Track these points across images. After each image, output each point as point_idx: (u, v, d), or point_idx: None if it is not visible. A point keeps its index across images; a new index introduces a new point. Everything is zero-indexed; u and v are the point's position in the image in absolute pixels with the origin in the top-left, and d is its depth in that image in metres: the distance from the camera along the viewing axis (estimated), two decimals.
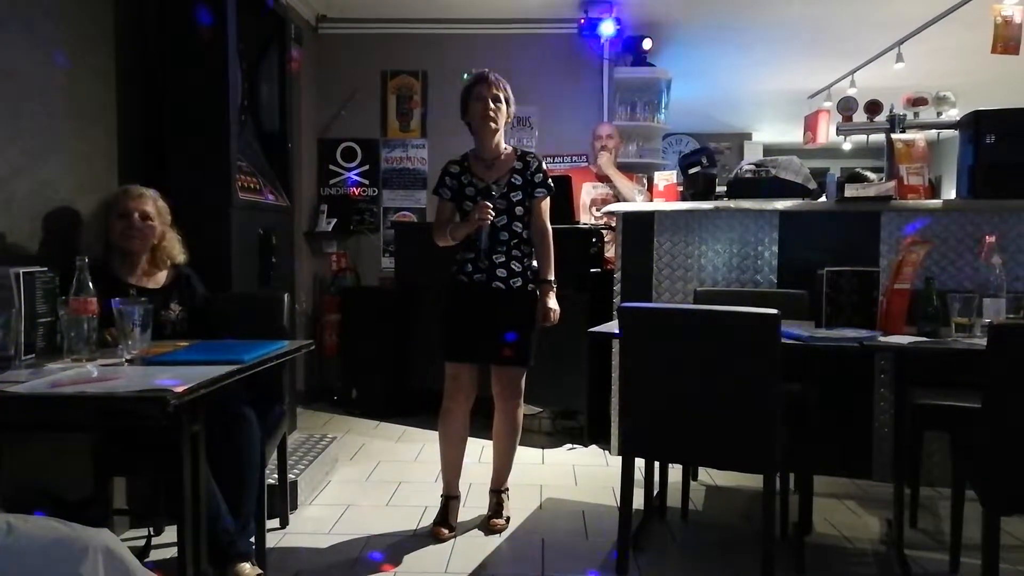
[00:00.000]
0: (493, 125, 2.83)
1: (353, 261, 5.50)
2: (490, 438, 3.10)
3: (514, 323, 2.84)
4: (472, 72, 2.93)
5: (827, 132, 6.20)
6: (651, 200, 4.11)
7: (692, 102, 7.67)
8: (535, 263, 2.92)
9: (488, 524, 2.96)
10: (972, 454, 2.23)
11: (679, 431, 2.44)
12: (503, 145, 2.92)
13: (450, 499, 2.99)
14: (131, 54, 3.15)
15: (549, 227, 2.92)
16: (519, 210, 2.86)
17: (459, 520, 2.99)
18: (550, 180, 2.92)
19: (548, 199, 2.92)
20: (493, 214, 2.77)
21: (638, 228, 3.84)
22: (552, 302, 2.89)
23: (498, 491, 3.05)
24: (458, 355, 2.88)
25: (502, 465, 3.06)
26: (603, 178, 4.73)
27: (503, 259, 2.85)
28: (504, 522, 2.97)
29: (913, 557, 2.63)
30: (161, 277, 2.63)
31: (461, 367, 2.90)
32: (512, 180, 2.86)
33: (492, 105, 2.83)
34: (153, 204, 2.60)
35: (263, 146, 3.93)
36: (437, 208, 2.98)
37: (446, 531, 2.87)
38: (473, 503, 3.16)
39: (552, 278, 2.91)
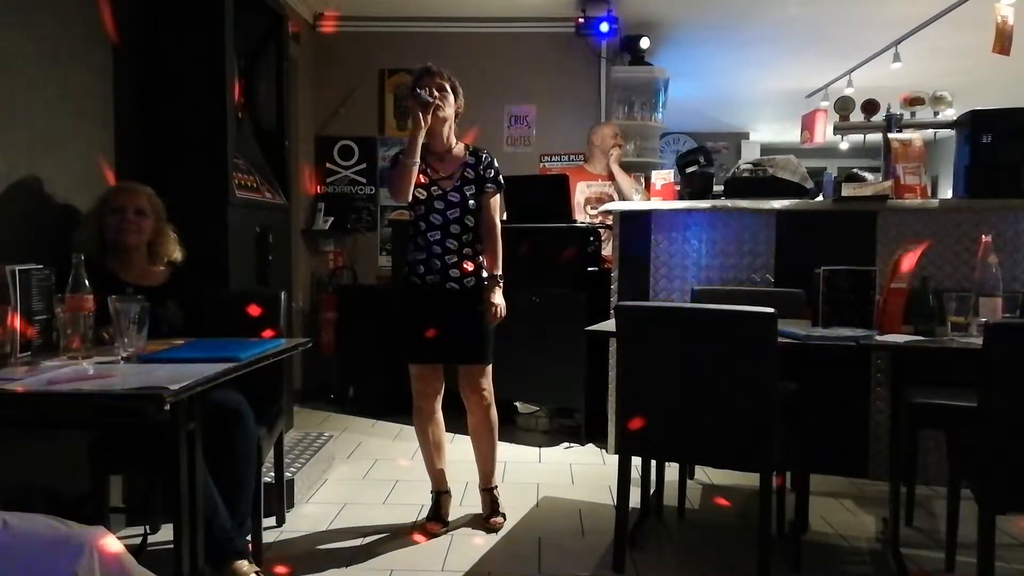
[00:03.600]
0: (440, 114, 2.81)
1: (350, 259, 5.50)
2: None
3: (470, 322, 2.85)
4: (419, 66, 2.92)
5: (824, 132, 6.21)
6: (648, 199, 4.11)
7: (689, 101, 7.68)
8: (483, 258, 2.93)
9: (488, 524, 2.96)
10: (968, 453, 2.24)
11: (676, 430, 2.44)
12: (454, 139, 2.92)
13: (441, 494, 3.00)
14: (128, 50, 3.14)
15: (498, 223, 2.93)
16: (472, 204, 2.87)
17: (456, 518, 2.99)
18: (501, 177, 2.93)
19: (498, 195, 2.93)
20: (437, 97, 2.76)
21: (635, 227, 3.84)
22: (498, 298, 2.88)
23: (488, 489, 3.05)
24: (419, 357, 2.90)
25: (485, 462, 3.05)
26: (607, 175, 4.73)
27: (455, 259, 2.85)
28: (502, 519, 2.98)
29: (909, 556, 2.64)
30: (158, 275, 2.62)
31: (424, 367, 2.92)
32: (465, 174, 2.88)
33: (438, 93, 2.81)
34: (147, 200, 2.59)
35: (260, 144, 3.92)
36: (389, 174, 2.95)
37: (439, 526, 2.88)
38: (469, 501, 3.16)
39: (499, 274, 2.90)
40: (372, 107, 5.57)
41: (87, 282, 2.03)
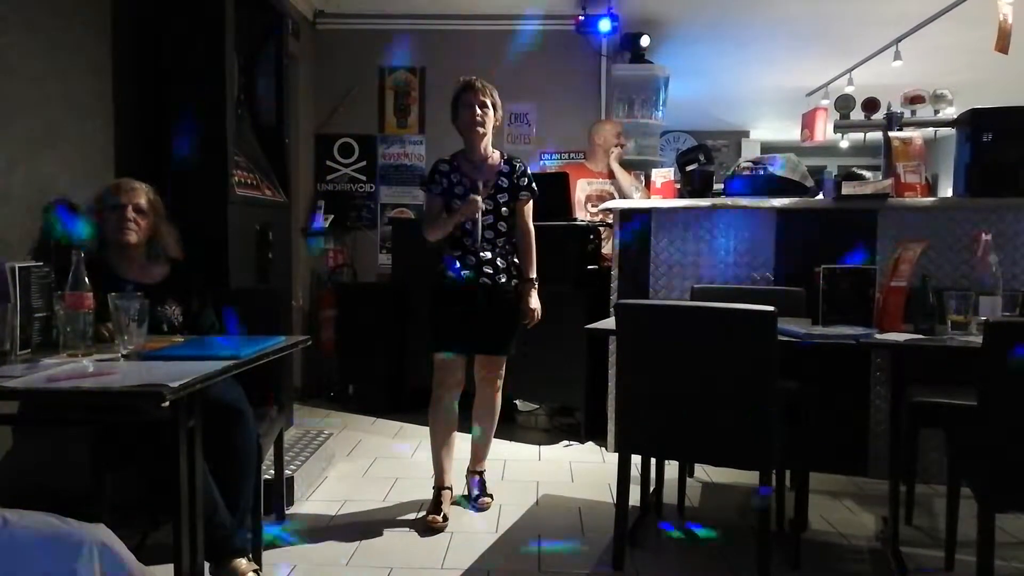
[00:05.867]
0: (481, 130, 2.97)
1: (350, 257, 5.50)
2: None
3: (498, 315, 2.99)
4: (461, 79, 3.04)
5: (824, 130, 6.19)
6: (648, 197, 4.11)
7: (690, 99, 7.66)
8: (517, 260, 3.05)
9: (477, 504, 3.08)
10: (968, 451, 2.24)
11: (676, 428, 2.44)
12: (491, 149, 3.06)
13: (442, 489, 3.04)
14: (128, 47, 3.14)
15: (532, 228, 3.07)
16: (504, 211, 3.01)
17: (455, 518, 2.99)
18: (534, 184, 3.06)
19: (532, 201, 3.07)
20: (483, 206, 2.91)
21: (635, 225, 3.84)
22: (534, 301, 3.03)
23: (479, 472, 3.17)
24: (447, 346, 2.99)
25: (481, 445, 3.18)
26: (611, 174, 4.72)
27: (488, 256, 2.98)
28: (490, 499, 3.10)
29: (909, 554, 2.64)
30: (158, 272, 2.62)
31: (449, 357, 2.99)
32: (499, 182, 3.01)
33: (479, 111, 2.96)
34: (146, 198, 2.59)
35: (260, 141, 3.92)
36: (426, 204, 3.15)
37: (439, 519, 2.90)
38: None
39: (534, 276, 3.04)
40: (372, 105, 5.56)
41: (87, 279, 2.03)
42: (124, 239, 2.53)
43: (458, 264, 2.99)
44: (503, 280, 2.99)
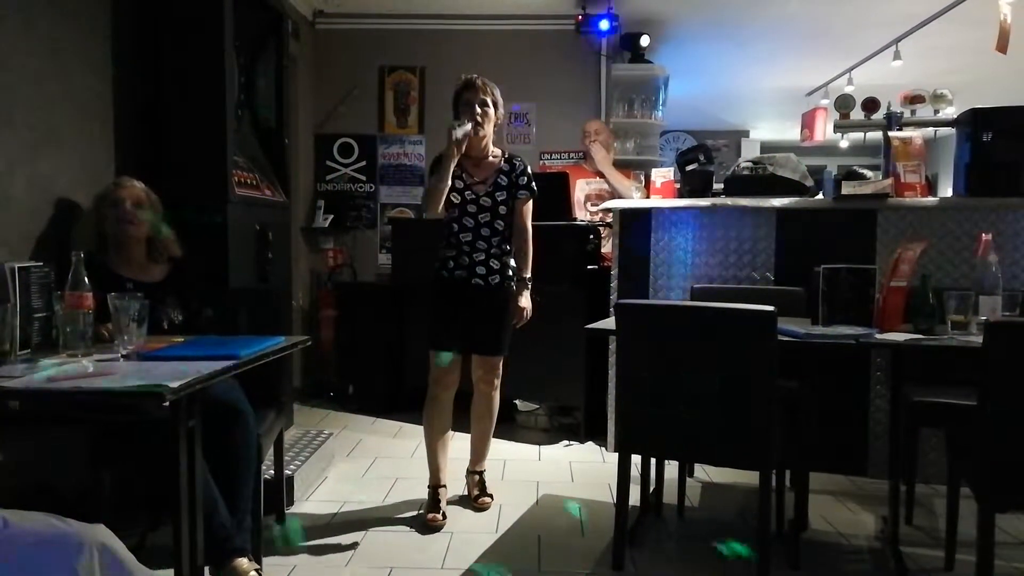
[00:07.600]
0: (480, 132, 2.96)
1: (350, 257, 5.50)
2: None
3: (491, 316, 3.01)
4: (462, 77, 3.04)
5: (824, 129, 6.19)
6: (648, 197, 4.11)
7: (690, 99, 7.67)
8: (513, 261, 3.05)
9: (477, 503, 3.08)
10: (968, 451, 2.24)
11: (676, 428, 2.45)
12: (491, 147, 3.06)
13: (438, 487, 3.05)
14: (128, 47, 3.14)
15: (529, 228, 3.07)
16: (502, 210, 3.01)
17: (454, 518, 2.99)
18: (534, 184, 3.06)
19: (530, 201, 3.06)
20: (470, 128, 2.86)
21: (635, 225, 3.84)
22: (525, 301, 3.04)
23: (479, 472, 3.18)
24: (442, 343, 3.01)
25: (480, 444, 3.20)
26: (599, 174, 4.72)
27: (483, 257, 2.99)
28: (490, 499, 3.10)
29: (908, 554, 2.64)
30: (158, 272, 2.62)
31: (445, 357, 3.01)
32: (498, 180, 3.01)
33: (479, 110, 2.96)
34: (144, 193, 2.60)
35: (260, 141, 3.92)
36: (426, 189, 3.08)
37: (439, 517, 2.92)
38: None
39: (528, 276, 3.05)
40: (372, 104, 5.56)
41: (87, 279, 2.03)
42: (125, 232, 2.53)
43: (452, 263, 3.00)
44: (496, 281, 3.00)
